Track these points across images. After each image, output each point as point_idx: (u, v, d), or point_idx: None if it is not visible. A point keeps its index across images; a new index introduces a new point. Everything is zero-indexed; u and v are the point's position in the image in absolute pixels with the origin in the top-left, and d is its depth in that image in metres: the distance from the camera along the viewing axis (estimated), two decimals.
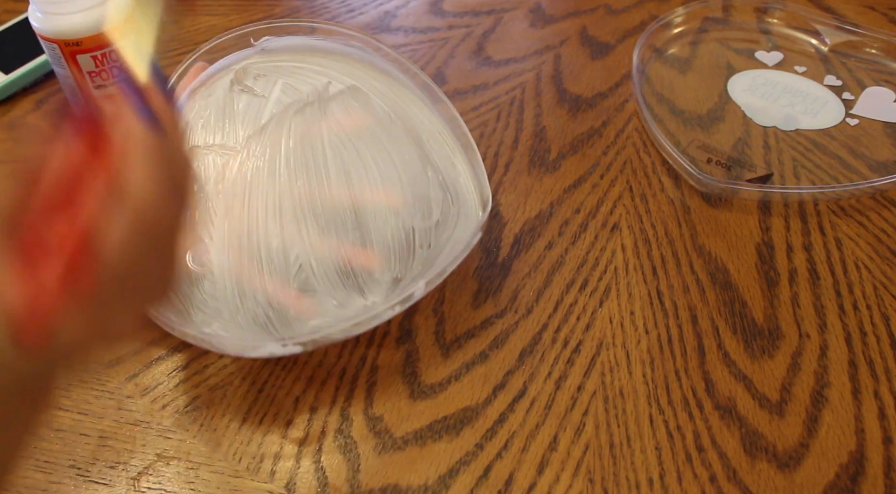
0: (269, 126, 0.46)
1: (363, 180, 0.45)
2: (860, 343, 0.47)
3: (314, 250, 0.44)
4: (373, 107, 0.48)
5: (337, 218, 0.44)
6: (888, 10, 0.72)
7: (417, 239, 0.46)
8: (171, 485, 0.42)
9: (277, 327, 0.44)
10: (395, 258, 0.45)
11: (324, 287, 0.44)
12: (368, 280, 0.45)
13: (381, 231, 0.45)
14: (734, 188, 0.55)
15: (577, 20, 0.73)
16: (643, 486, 0.41)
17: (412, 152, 0.47)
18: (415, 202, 0.46)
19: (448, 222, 0.48)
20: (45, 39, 0.55)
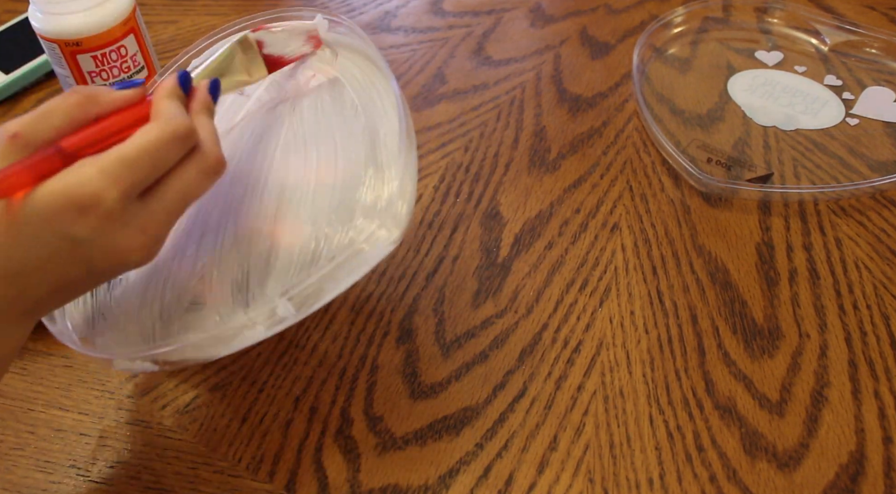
0: (237, 127, 0.45)
1: (296, 187, 0.43)
2: (860, 343, 0.47)
3: (221, 261, 0.42)
4: (342, 101, 0.45)
5: (253, 230, 0.42)
6: (888, 9, 0.72)
7: (325, 250, 0.40)
8: (171, 485, 0.42)
9: (158, 340, 0.41)
10: (293, 272, 0.40)
11: (214, 299, 0.41)
12: (259, 295, 0.40)
13: (290, 242, 0.41)
14: (734, 188, 0.55)
15: (577, 20, 0.73)
16: (643, 486, 0.41)
17: (360, 151, 0.43)
18: (339, 208, 0.41)
19: (364, 233, 0.40)
20: (45, 39, 0.55)
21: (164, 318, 0.42)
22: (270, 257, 0.41)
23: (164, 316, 0.42)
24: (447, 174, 0.58)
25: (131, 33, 0.57)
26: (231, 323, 0.39)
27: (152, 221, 0.32)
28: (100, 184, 0.30)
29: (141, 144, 0.31)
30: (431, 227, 0.54)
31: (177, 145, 0.32)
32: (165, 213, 0.33)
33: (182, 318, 0.42)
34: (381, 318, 0.49)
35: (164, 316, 0.42)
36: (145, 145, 0.31)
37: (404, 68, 0.68)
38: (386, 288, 0.51)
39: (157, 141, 0.31)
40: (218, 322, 0.41)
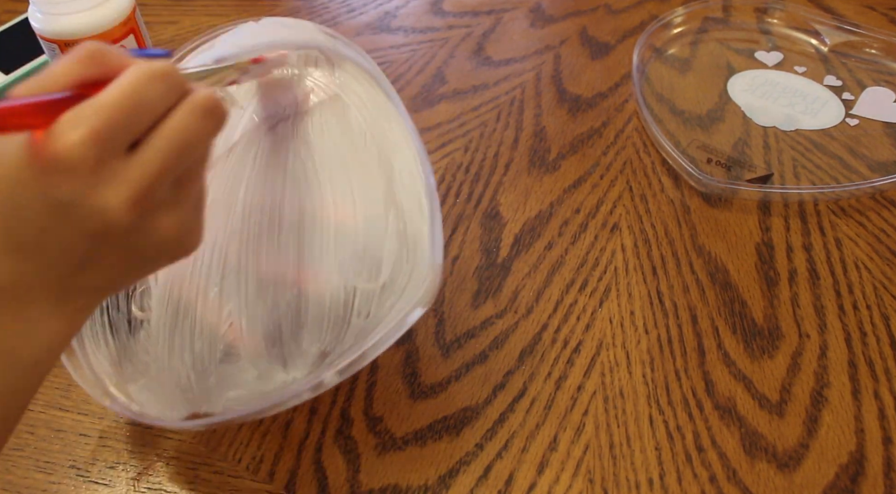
0: (238, 146, 0.42)
1: (314, 230, 0.41)
2: (860, 343, 0.47)
3: (248, 307, 0.40)
4: (349, 125, 0.43)
5: (278, 275, 0.40)
6: (888, 10, 0.72)
7: (357, 304, 0.40)
8: (171, 485, 0.42)
9: (196, 393, 0.40)
10: (327, 327, 0.40)
11: (249, 353, 0.40)
12: (295, 350, 0.40)
13: (319, 292, 0.40)
14: (734, 188, 0.55)
15: (577, 20, 0.73)
16: (643, 486, 0.41)
17: (378, 187, 0.42)
18: (364, 256, 0.40)
19: (396, 285, 0.39)
20: (45, 39, 0.55)
21: (197, 369, 0.41)
22: (300, 308, 0.40)
23: (197, 367, 0.41)
24: (447, 174, 0.58)
25: (131, 33, 0.57)
26: (271, 382, 0.40)
27: (140, 173, 0.28)
28: (73, 136, 0.27)
29: (116, 88, 0.28)
30: None
31: (156, 84, 0.29)
32: (155, 163, 0.29)
33: (217, 370, 0.41)
34: None
35: (198, 368, 0.41)
36: (121, 88, 0.28)
37: (404, 68, 0.68)
38: None
39: (134, 81, 0.28)
40: (257, 379, 0.40)
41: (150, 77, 0.28)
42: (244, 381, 0.40)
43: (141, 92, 0.28)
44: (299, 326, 0.40)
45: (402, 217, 0.41)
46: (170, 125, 0.29)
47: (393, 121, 0.43)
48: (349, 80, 0.44)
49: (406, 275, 0.40)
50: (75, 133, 0.27)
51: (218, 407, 0.40)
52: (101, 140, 0.27)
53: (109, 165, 0.28)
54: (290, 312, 0.40)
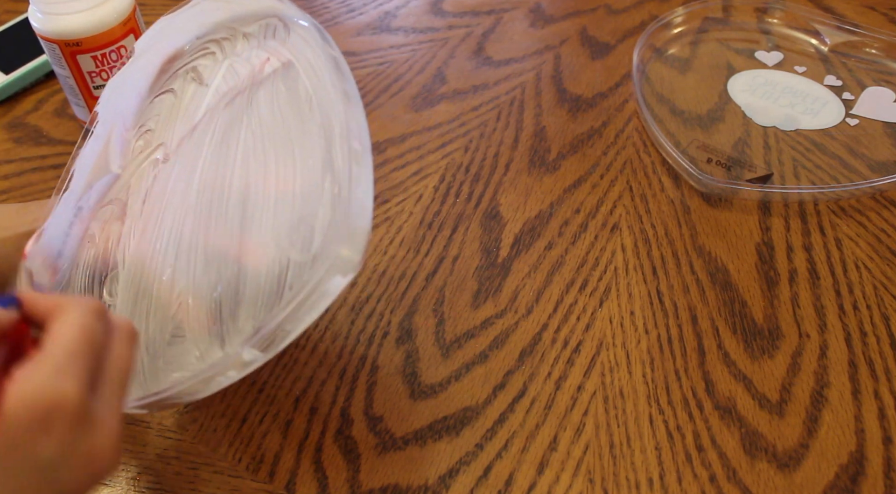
0: (199, 126, 0.43)
1: (258, 203, 0.41)
2: (860, 343, 0.47)
3: (195, 286, 0.40)
4: (297, 92, 0.42)
5: (222, 250, 0.40)
6: (888, 10, 0.72)
7: (289, 277, 0.38)
8: (171, 485, 0.42)
9: (147, 376, 0.41)
10: (261, 302, 0.39)
11: (192, 332, 0.40)
12: (232, 328, 0.40)
13: (257, 266, 0.40)
14: (734, 188, 0.55)
15: (577, 20, 0.73)
16: (643, 486, 0.41)
17: (317, 153, 0.40)
18: (299, 226, 0.39)
19: (325, 255, 0.36)
20: (45, 39, 0.55)
21: (150, 352, 0.40)
22: (239, 284, 0.40)
23: (150, 350, 0.40)
24: (447, 174, 0.58)
25: (131, 33, 0.57)
26: (210, 361, 0.39)
27: (110, 413, 0.28)
28: (62, 385, 0.25)
29: (74, 331, 0.27)
30: (431, 227, 0.54)
31: (101, 321, 0.29)
32: (117, 399, 0.28)
33: (165, 353, 0.40)
34: (381, 318, 0.49)
35: (151, 350, 0.40)
36: (78, 330, 0.27)
37: (404, 68, 0.68)
38: (386, 288, 0.51)
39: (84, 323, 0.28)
40: (199, 359, 0.40)
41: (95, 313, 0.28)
42: (188, 362, 0.40)
43: (95, 330, 0.28)
44: (237, 302, 0.39)
45: (337, 180, 0.39)
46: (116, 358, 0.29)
47: (337, 84, 0.41)
48: (301, 45, 0.43)
49: (337, 244, 0.36)
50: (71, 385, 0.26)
51: (164, 390, 0.38)
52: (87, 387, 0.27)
53: (89, 407, 0.27)
54: (231, 288, 0.39)
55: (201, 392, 0.36)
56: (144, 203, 0.43)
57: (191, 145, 0.42)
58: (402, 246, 0.53)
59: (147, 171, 0.45)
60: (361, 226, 0.35)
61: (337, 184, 0.39)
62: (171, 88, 0.43)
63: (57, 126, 0.64)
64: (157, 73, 0.45)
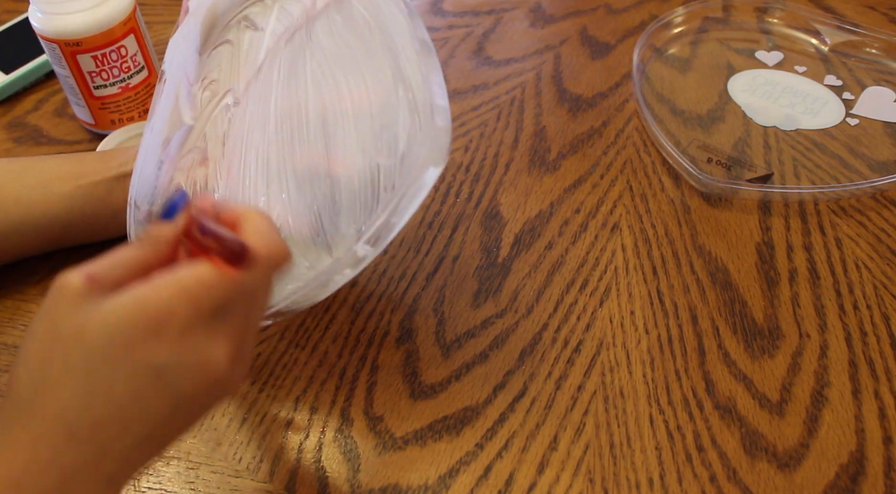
0: (263, 66, 0.46)
1: (337, 120, 0.44)
2: (860, 343, 0.47)
3: (291, 206, 0.43)
4: (353, 19, 0.46)
5: (311, 168, 0.44)
6: (888, 10, 0.72)
7: (382, 179, 0.42)
8: (171, 485, 0.42)
9: None
10: (359, 206, 0.43)
11: (299, 246, 0.43)
12: (336, 234, 0.43)
13: (348, 175, 0.43)
14: (734, 188, 0.55)
15: (577, 20, 0.73)
16: (643, 486, 0.41)
17: (386, 68, 0.44)
18: (382, 133, 0.43)
19: (413, 155, 0.42)
20: (45, 39, 0.55)
21: None
22: (334, 194, 0.43)
23: None
24: (447, 174, 0.58)
25: (131, 33, 0.57)
26: (321, 268, 0.42)
27: (236, 331, 0.30)
28: (178, 304, 0.28)
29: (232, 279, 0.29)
30: (431, 227, 0.54)
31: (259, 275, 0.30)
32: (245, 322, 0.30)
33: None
34: (381, 318, 0.49)
35: None
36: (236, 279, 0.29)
37: None
38: (386, 288, 0.51)
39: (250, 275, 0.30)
40: (309, 268, 0.43)
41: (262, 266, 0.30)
42: (299, 274, 0.43)
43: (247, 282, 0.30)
44: (336, 212, 0.43)
45: (410, 88, 0.43)
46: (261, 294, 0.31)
47: (391, 3, 0.46)
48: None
49: (420, 143, 0.42)
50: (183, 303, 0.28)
51: (281, 302, 0.42)
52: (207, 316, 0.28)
53: (210, 326, 0.29)
54: (327, 200, 0.43)
55: (320, 295, 0.40)
56: (224, 145, 0.45)
57: (259, 85, 0.45)
58: (403, 245, 0.53)
59: (220, 117, 0.47)
60: (441, 124, 0.41)
61: (410, 90, 0.43)
62: (228, 39, 0.47)
63: (57, 126, 0.64)
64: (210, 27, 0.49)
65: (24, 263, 0.53)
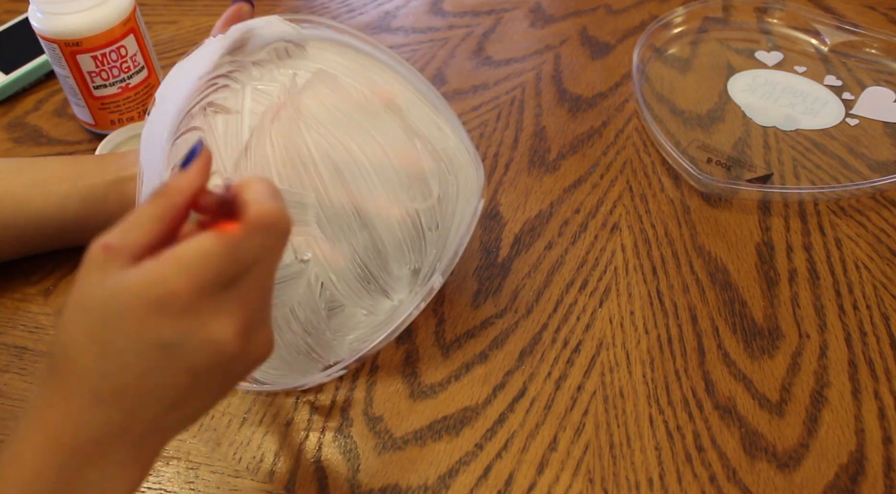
0: (251, 144, 0.43)
1: (356, 175, 0.44)
2: (860, 343, 0.47)
3: (330, 264, 0.43)
4: (345, 89, 0.45)
5: (342, 223, 0.43)
6: (888, 10, 0.72)
7: (424, 221, 0.45)
8: (170, 485, 0.42)
9: (319, 351, 0.44)
10: (407, 248, 0.45)
11: (350, 298, 0.44)
12: (389, 279, 0.45)
13: (387, 224, 0.44)
14: (734, 188, 0.55)
15: (577, 20, 0.73)
16: (643, 486, 0.41)
17: (395, 127, 0.45)
18: (411, 183, 0.45)
19: (449, 194, 0.46)
20: (45, 39, 0.55)
21: (311, 332, 0.43)
22: (377, 244, 0.45)
23: (309, 331, 0.43)
24: None
25: (131, 33, 0.57)
26: (382, 312, 0.45)
27: (242, 306, 0.30)
28: (178, 280, 0.28)
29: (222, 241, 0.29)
30: None
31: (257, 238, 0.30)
32: (251, 294, 0.30)
33: (330, 325, 0.44)
34: None
35: (311, 331, 0.43)
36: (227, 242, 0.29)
37: None
38: None
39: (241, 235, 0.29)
40: (368, 315, 0.45)
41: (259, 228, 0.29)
42: (357, 323, 0.45)
43: (248, 243, 0.29)
44: (384, 259, 0.45)
45: (426, 140, 0.46)
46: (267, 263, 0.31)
47: (377, 69, 0.47)
48: (323, 54, 0.46)
49: (454, 183, 0.47)
50: (185, 281, 0.28)
51: (344, 352, 0.44)
52: (207, 288, 0.28)
53: (214, 302, 0.29)
54: (370, 251, 0.45)
55: (393, 334, 0.43)
56: None
57: (251, 162, 0.43)
58: None
59: None
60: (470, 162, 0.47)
61: (428, 144, 0.46)
62: (194, 126, 0.44)
63: (57, 126, 0.64)
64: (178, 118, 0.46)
65: (23, 264, 0.53)
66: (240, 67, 0.44)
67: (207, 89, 0.44)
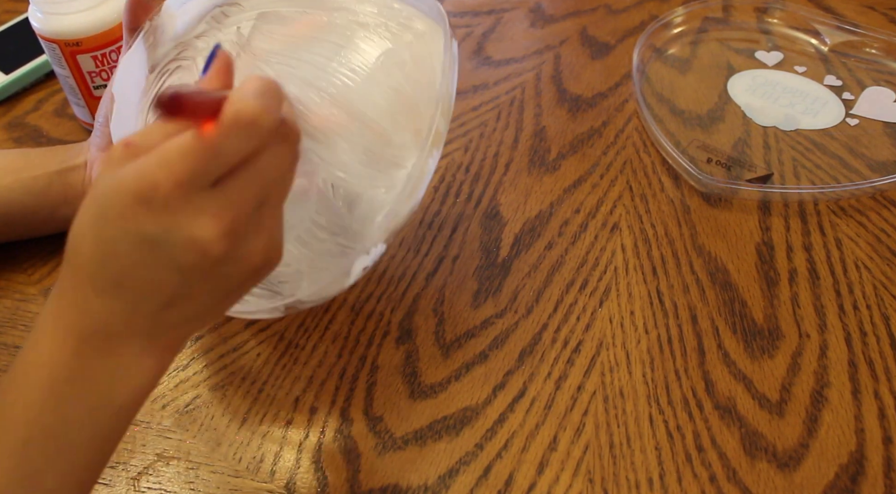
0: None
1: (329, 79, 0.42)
2: (860, 343, 0.47)
3: (334, 163, 0.42)
4: (291, 18, 0.44)
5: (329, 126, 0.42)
6: (888, 10, 0.72)
7: (408, 87, 0.43)
8: (171, 485, 0.42)
9: (353, 247, 0.42)
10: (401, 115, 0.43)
11: (364, 185, 0.42)
12: (395, 150, 0.43)
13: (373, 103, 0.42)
14: (734, 188, 0.55)
15: (577, 20, 0.73)
16: (643, 486, 0.41)
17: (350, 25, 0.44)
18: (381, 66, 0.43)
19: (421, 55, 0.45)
20: (45, 39, 0.55)
21: (338, 232, 0.42)
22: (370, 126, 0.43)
23: (336, 232, 0.42)
24: (447, 174, 0.58)
25: None
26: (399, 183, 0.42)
27: (226, 206, 0.29)
28: (158, 173, 0.28)
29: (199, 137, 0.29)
30: (431, 227, 0.54)
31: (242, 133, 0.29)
32: (242, 195, 0.30)
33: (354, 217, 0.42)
34: (381, 318, 0.49)
35: (338, 231, 0.42)
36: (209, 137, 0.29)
37: None
38: (386, 288, 0.51)
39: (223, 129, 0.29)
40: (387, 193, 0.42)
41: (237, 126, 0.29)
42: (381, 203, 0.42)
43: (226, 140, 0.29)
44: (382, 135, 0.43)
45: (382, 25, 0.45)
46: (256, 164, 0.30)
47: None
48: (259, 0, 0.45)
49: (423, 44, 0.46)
50: (166, 175, 0.28)
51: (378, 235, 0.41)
52: (188, 183, 0.28)
53: (196, 201, 0.29)
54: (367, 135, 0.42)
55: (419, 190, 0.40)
56: None
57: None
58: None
59: None
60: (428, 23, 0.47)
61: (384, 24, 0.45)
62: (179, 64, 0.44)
63: (57, 126, 0.64)
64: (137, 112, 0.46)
65: (24, 264, 0.53)
66: (184, 47, 0.44)
67: (162, 78, 0.44)
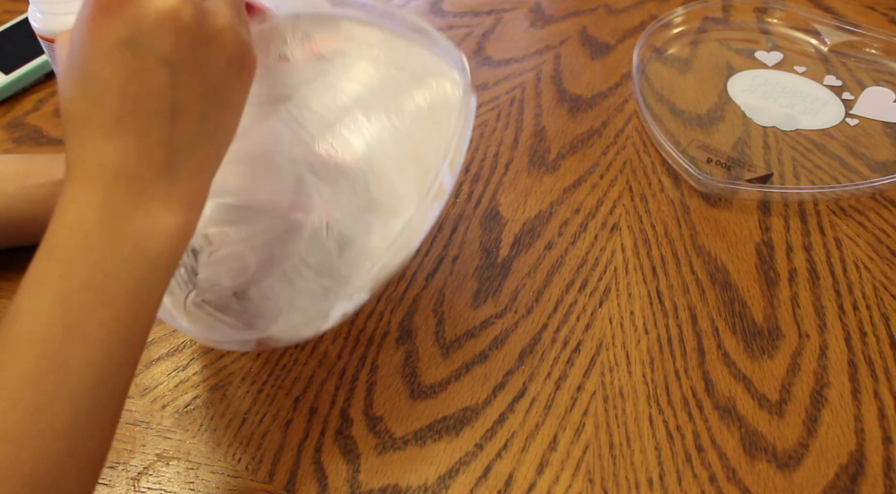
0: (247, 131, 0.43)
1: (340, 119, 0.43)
2: (860, 343, 0.47)
3: (333, 202, 0.42)
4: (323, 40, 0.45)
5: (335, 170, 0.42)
6: (888, 10, 0.72)
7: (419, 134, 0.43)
8: (170, 485, 0.42)
9: (337, 289, 0.42)
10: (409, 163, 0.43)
11: (358, 228, 0.42)
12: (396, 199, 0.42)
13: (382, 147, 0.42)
14: (734, 188, 0.55)
15: (577, 20, 0.73)
16: (643, 486, 0.41)
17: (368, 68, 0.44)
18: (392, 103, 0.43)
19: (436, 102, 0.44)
20: (45, 39, 0.55)
21: (324, 274, 0.42)
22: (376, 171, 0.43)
23: (323, 272, 0.42)
24: None
25: None
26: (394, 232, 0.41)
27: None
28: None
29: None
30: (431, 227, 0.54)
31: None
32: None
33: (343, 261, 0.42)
34: (381, 318, 0.49)
35: (324, 272, 0.42)
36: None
37: None
38: (386, 287, 0.51)
39: None
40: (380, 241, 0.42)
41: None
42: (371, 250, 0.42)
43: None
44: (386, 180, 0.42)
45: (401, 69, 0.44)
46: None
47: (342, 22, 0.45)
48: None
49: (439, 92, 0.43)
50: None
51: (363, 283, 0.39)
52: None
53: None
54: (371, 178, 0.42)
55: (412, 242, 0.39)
56: None
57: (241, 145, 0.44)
58: None
59: None
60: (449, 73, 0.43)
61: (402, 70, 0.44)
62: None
63: (57, 126, 0.64)
64: None
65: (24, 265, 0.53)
66: None
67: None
